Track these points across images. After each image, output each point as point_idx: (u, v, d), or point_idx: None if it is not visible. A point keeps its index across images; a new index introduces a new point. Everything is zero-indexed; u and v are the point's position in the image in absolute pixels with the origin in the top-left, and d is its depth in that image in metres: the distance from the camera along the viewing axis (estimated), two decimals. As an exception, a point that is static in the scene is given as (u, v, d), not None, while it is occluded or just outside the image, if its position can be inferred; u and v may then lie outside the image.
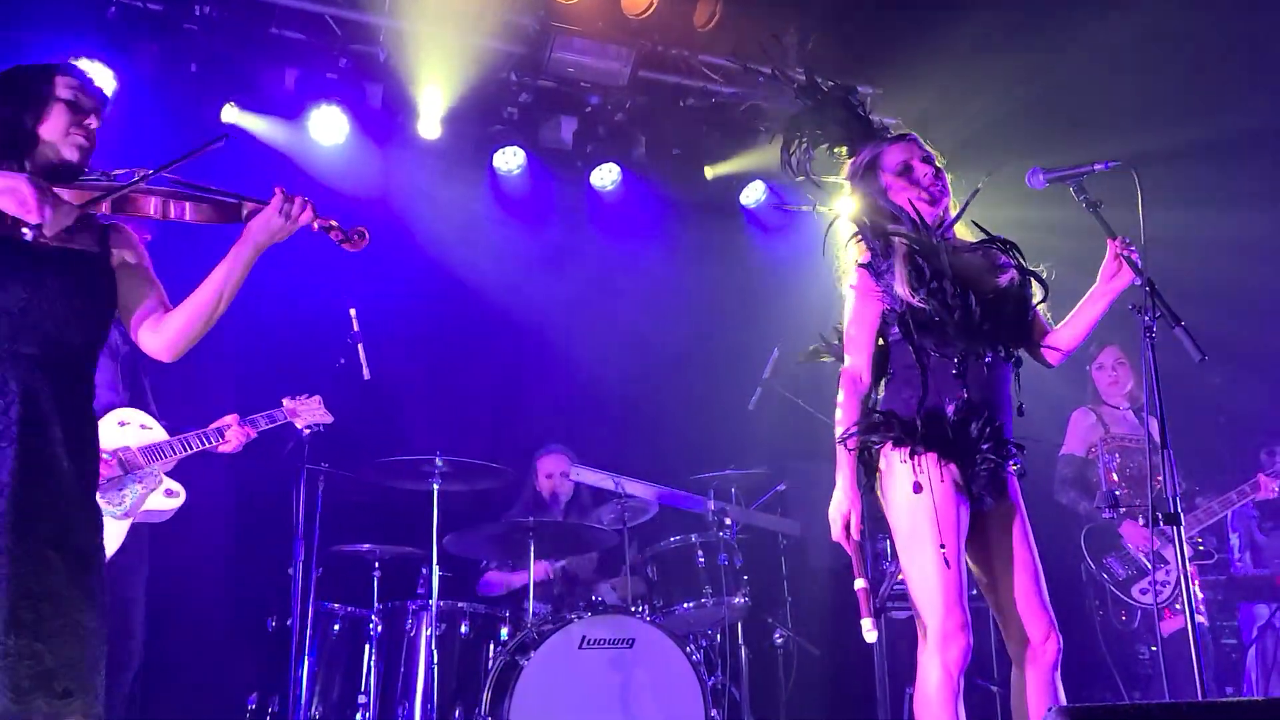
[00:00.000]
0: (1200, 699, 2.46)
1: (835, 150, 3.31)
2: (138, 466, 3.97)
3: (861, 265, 3.02)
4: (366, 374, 4.58)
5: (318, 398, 4.48)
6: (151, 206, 2.57)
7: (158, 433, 4.09)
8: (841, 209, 3.25)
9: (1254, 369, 5.52)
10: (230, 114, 5.50)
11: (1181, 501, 4.94)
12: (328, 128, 5.60)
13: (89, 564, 2.36)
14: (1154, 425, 2.77)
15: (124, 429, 4.02)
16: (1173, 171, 4.27)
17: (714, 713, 4.36)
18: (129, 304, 2.63)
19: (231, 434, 4.15)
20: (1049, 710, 2.04)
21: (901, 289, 2.91)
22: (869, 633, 2.78)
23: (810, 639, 5.49)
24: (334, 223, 2.69)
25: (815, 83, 3.35)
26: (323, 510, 4.66)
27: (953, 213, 3.10)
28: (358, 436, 4.79)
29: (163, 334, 2.60)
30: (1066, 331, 3.04)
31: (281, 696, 4.48)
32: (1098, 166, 2.92)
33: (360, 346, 4.59)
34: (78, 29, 5.07)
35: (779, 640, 5.31)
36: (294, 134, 5.61)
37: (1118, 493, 4.99)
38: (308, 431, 4.46)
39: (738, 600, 4.78)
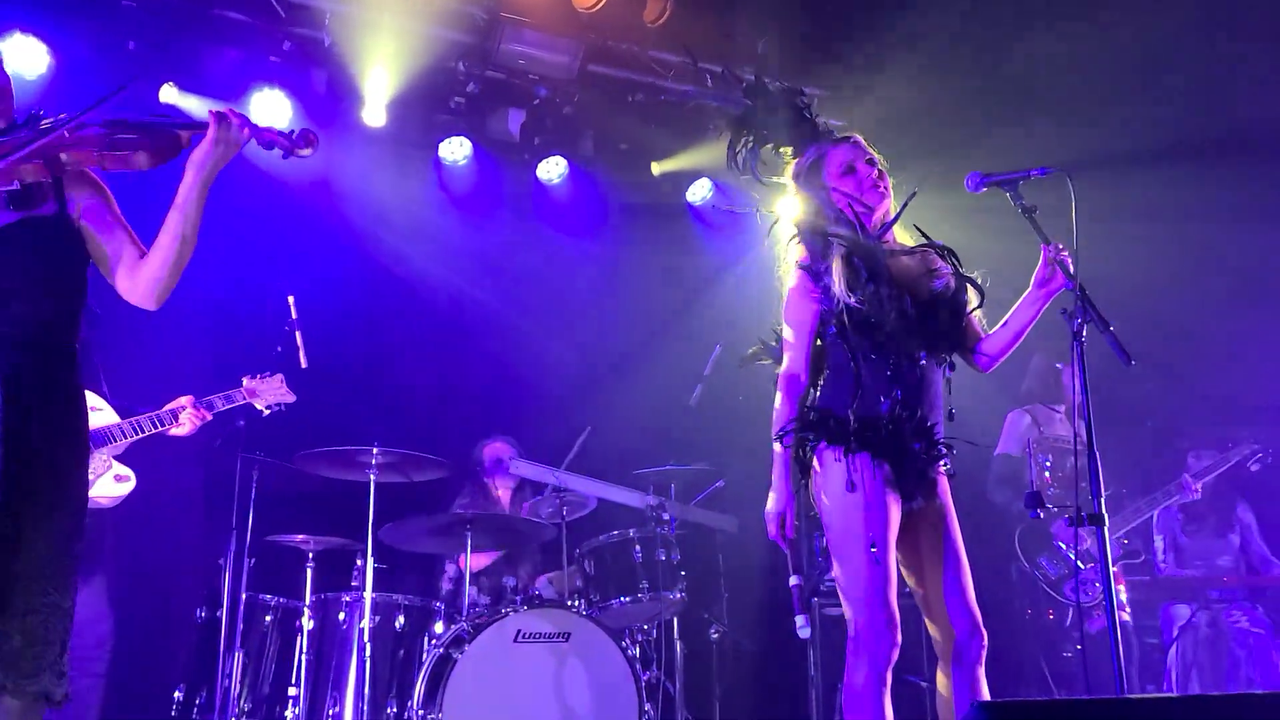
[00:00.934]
0: (1119, 695, 2.52)
1: (780, 150, 3.34)
2: None
3: (800, 266, 3.05)
4: (304, 362, 4.51)
5: (280, 376, 4.37)
6: (95, 158, 2.43)
7: (107, 415, 3.95)
8: (784, 209, 3.28)
9: (1180, 374, 5.67)
10: (169, 94, 5.39)
11: (1110, 503, 5.09)
12: (269, 111, 5.51)
13: (67, 545, 2.36)
14: (1083, 428, 2.83)
15: None
16: (1107, 179, 4.37)
17: (648, 707, 4.37)
18: (100, 255, 2.53)
19: (185, 416, 4.03)
20: (970, 705, 2.08)
21: (838, 290, 2.94)
22: (802, 629, 2.82)
23: (746, 635, 5.53)
24: (277, 133, 2.54)
25: (763, 83, 3.37)
26: (256, 500, 4.59)
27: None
28: (293, 426, 4.72)
29: (139, 283, 2.52)
30: (999, 337, 3.10)
31: (209, 689, 4.41)
32: (1034, 173, 2.97)
33: (298, 334, 4.52)
34: (13, 2, 4.94)
35: (714, 636, 5.35)
36: (234, 117, 5.51)
37: (1049, 492, 5.09)
38: (268, 412, 4.36)
39: (674, 596, 4.79)
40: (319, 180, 5.77)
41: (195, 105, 5.44)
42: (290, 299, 4.57)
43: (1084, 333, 2.79)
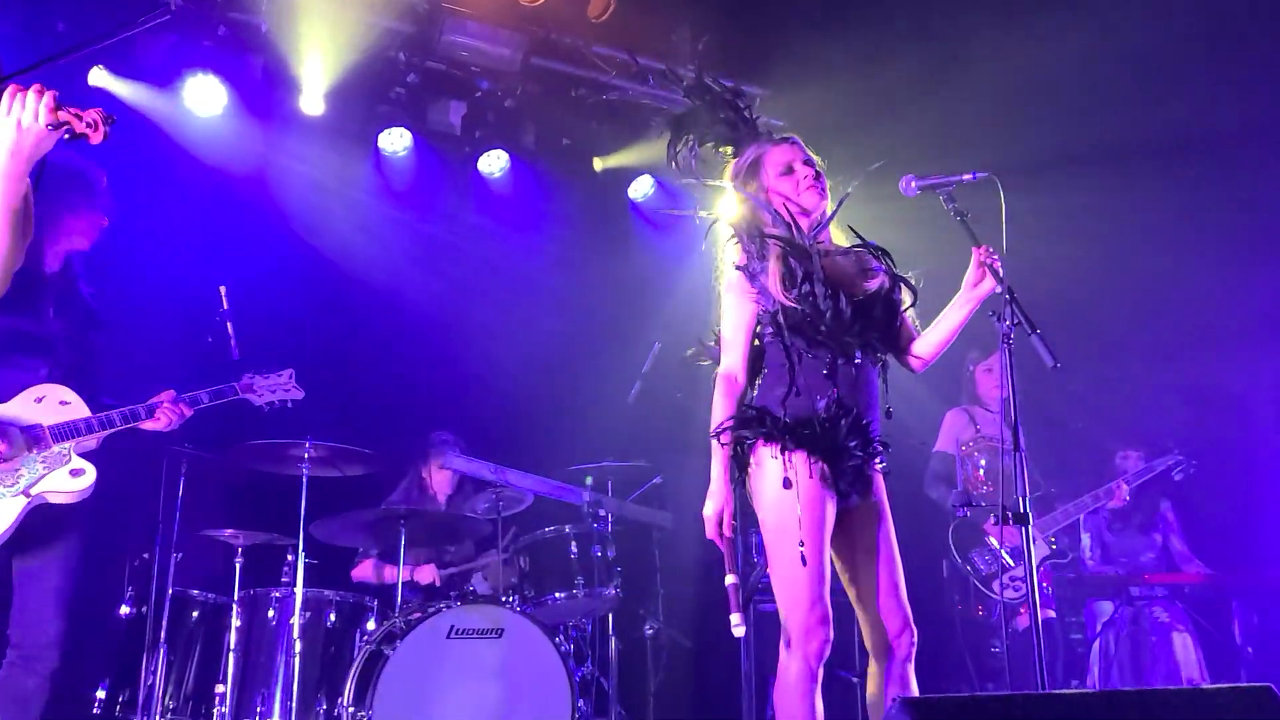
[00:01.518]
0: (1040, 691, 2.57)
1: (721, 150, 3.35)
2: (44, 445, 3.73)
3: (737, 266, 3.07)
4: (235, 354, 4.41)
5: (289, 371, 4.25)
6: None
7: (77, 408, 3.84)
8: (723, 210, 3.30)
9: (1108, 377, 5.80)
10: (98, 77, 5.26)
11: (1042, 503, 5.20)
12: (203, 98, 5.41)
13: None
14: (1010, 430, 2.88)
15: (40, 405, 3.75)
16: (1039, 184, 4.44)
17: (581, 703, 4.36)
18: None
19: (162, 411, 3.93)
20: (893, 700, 2.12)
21: (775, 290, 2.97)
22: (737, 628, 2.83)
23: (680, 631, 5.55)
24: (66, 118, 2.24)
25: (704, 83, 3.38)
26: (185, 493, 4.50)
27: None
28: (224, 418, 4.63)
29: None
30: (930, 338, 3.14)
31: (133, 687, 4.31)
32: (966, 177, 3.02)
33: (230, 325, 4.42)
34: (-67, -20, 4.79)
35: (649, 632, 5.36)
36: (167, 102, 5.40)
37: (982, 490, 5.19)
38: (267, 408, 4.27)
39: (609, 592, 4.80)
40: (255, 169, 5.67)
41: (126, 89, 5.32)
42: (222, 289, 4.47)
43: (1012, 335, 2.84)
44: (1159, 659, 5.14)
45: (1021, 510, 2.76)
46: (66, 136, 2.25)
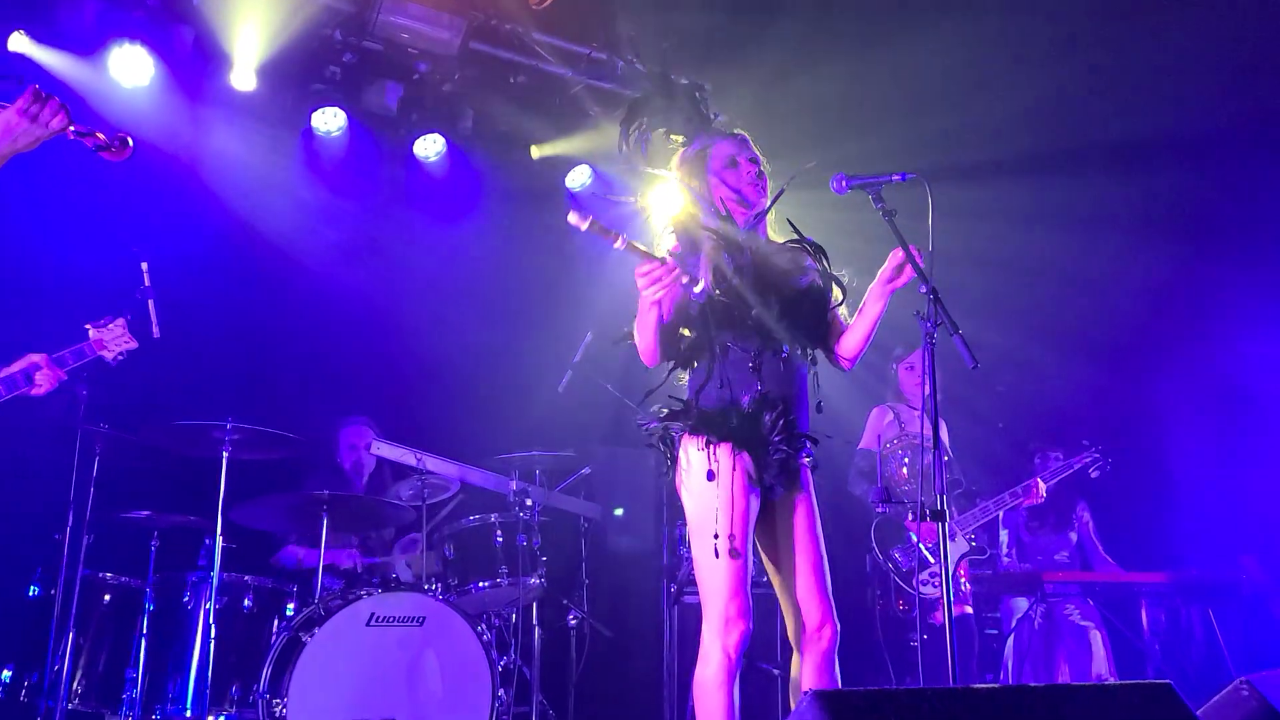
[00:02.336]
0: (952, 685, 2.61)
1: (671, 137, 3.35)
2: None
3: (671, 255, 3.07)
4: (156, 332, 4.30)
5: (121, 321, 4.11)
6: None
7: None
8: (660, 199, 3.31)
9: (1030, 379, 5.93)
10: (18, 42, 5.08)
11: (963, 500, 5.30)
12: (130, 68, 5.26)
13: None
14: (930, 427, 2.93)
15: None
16: (967, 187, 4.52)
17: (502, 692, 4.35)
18: None
19: (41, 377, 3.79)
20: (804, 694, 2.14)
21: (705, 282, 2.98)
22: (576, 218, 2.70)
23: (604, 621, 5.55)
24: (93, 131, 2.53)
25: (668, 76, 3.39)
26: (99, 474, 4.39)
27: (769, 216, 3.20)
28: (143, 397, 4.52)
29: None
30: (852, 336, 3.17)
31: (40, 671, 4.19)
32: (895, 177, 3.05)
33: (151, 303, 4.31)
34: None
35: (572, 622, 5.35)
36: (91, 72, 5.24)
37: (905, 488, 5.26)
38: (116, 361, 4.15)
39: (534, 581, 4.78)
40: (183, 143, 5.52)
41: (48, 57, 5.15)
42: (144, 265, 4.35)
43: (935, 335, 2.89)
44: (1071, 655, 5.28)
45: (939, 507, 2.80)
46: (93, 148, 2.54)
